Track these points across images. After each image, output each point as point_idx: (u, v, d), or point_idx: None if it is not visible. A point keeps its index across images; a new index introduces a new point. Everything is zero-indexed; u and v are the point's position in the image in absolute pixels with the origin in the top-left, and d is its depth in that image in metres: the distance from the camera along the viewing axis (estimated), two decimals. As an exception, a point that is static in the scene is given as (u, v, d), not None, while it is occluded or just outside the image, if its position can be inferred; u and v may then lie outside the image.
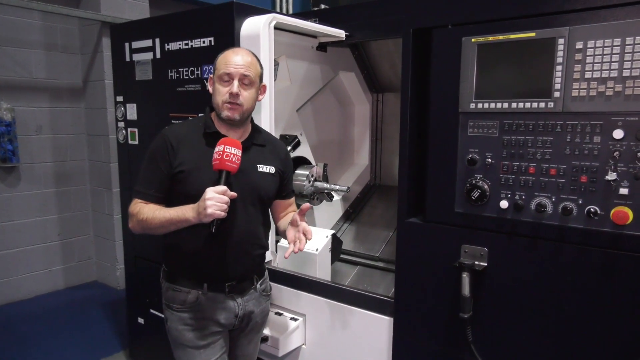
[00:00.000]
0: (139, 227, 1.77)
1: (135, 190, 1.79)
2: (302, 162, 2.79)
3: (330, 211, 3.22)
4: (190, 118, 2.23)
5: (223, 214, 1.60)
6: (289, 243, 1.80)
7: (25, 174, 4.27)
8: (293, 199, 2.08)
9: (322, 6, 4.41)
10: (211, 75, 1.81)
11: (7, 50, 4.07)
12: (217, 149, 1.66)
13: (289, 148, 2.60)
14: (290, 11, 6.24)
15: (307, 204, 1.77)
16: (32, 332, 3.71)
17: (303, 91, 2.88)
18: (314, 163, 2.87)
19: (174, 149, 1.75)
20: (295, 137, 2.66)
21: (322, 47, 2.89)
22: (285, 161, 1.99)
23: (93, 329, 3.79)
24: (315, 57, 2.89)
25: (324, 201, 2.87)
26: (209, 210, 1.56)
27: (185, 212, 1.65)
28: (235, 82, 1.72)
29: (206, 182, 1.66)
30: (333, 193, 2.78)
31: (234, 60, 1.72)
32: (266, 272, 2.05)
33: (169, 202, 1.77)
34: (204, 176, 1.71)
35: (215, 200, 1.57)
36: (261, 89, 1.86)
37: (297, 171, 2.70)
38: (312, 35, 2.75)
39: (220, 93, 1.74)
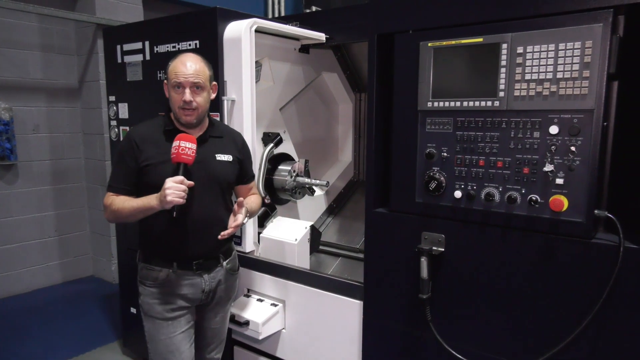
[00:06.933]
0: (113, 217, 2.00)
1: (108, 184, 2.02)
2: (285, 158, 2.93)
3: (314, 205, 3.36)
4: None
5: (181, 201, 1.82)
6: (228, 227, 1.99)
7: (23, 172, 4.41)
8: (254, 182, 2.30)
9: (314, 8, 4.55)
10: (165, 81, 2.01)
11: (5, 52, 4.21)
12: (174, 144, 1.87)
13: (271, 145, 2.75)
14: (283, 13, 6.38)
15: (241, 199, 1.98)
16: (30, 324, 3.85)
17: (286, 91, 3.02)
18: (296, 159, 3.00)
19: (138, 147, 1.96)
20: (278, 134, 2.80)
21: (304, 49, 3.04)
22: (243, 149, 2.19)
23: (89, 321, 3.93)
24: (297, 59, 3.03)
25: (308, 196, 3.01)
26: (169, 198, 1.78)
27: (150, 201, 1.87)
28: (187, 91, 1.92)
29: (167, 173, 1.86)
30: (314, 187, 2.92)
31: (182, 70, 1.92)
32: (234, 252, 2.25)
33: (138, 193, 1.98)
34: (165, 169, 1.91)
35: (174, 189, 1.79)
36: (212, 88, 2.06)
37: (279, 167, 2.85)
38: (294, 37, 2.89)
39: (176, 100, 1.95)
